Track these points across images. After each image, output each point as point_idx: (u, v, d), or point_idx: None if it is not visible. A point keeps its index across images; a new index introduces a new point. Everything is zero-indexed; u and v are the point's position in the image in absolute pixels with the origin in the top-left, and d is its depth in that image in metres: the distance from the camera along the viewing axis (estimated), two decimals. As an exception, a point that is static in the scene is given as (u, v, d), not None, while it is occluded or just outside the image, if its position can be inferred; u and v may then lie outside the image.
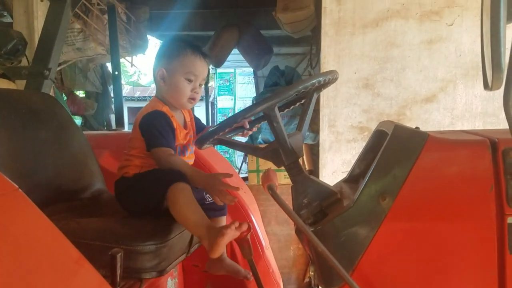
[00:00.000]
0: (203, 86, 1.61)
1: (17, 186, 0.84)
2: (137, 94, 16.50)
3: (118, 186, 1.45)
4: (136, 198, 1.40)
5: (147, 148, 1.45)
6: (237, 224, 1.28)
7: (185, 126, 1.60)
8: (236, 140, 1.35)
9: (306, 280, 3.71)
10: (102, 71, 5.66)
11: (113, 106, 6.26)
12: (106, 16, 4.13)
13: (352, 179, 1.44)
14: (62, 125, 1.53)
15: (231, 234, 1.24)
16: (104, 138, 2.07)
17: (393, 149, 1.04)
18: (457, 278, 0.97)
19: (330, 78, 1.23)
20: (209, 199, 1.53)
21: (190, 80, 1.51)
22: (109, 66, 5.71)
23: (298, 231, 1.24)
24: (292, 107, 1.49)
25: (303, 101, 1.41)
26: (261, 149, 1.24)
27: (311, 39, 5.14)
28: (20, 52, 1.82)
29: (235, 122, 1.23)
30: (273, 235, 3.64)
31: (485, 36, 0.80)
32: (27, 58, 1.93)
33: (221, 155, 2.22)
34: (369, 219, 1.02)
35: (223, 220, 1.64)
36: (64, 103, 4.48)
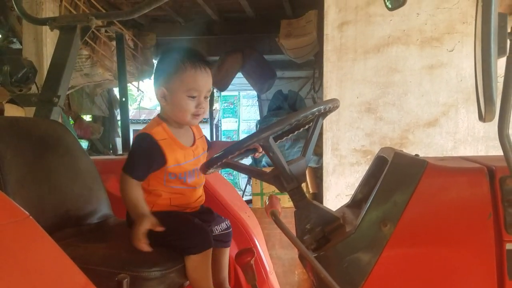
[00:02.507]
0: (208, 98, 1.50)
1: (27, 214, 0.87)
2: (142, 117, 16.68)
3: (130, 218, 1.46)
4: (150, 239, 1.40)
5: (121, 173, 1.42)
6: None
7: (193, 143, 1.54)
8: (242, 164, 1.37)
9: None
10: (108, 96, 5.77)
11: (119, 130, 6.36)
12: (113, 43, 4.24)
13: (355, 204, 1.46)
14: (70, 151, 1.56)
15: None
16: (110, 163, 2.10)
17: (393, 176, 1.06)
18: (459, 304, 0.98)
19: (331, 107, 1.27)
20: (216, 231, 1.55)
21: (193, 97, 1.43)
22: (115, 90, 5.83)
23: (302, 257, 1.26)
24: (296, 132, 1.52)
25: (307, 126, 1.45)
26: (265, 173, 1.26)
27: (314, 63, 5.23)
28: (30, 80, 1.88)
29: (231, 154, 1.23)
30: (278, 259, 3.63)
31: (478, 69, 0.84)
32: (36, 85, 1.99)
33: (225, 179, 2.24)
34: (371, 245, 1.03)
35: (227, 252, 1.65)
36: (71, 127, 4.55)
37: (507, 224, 0.95)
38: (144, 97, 18.67)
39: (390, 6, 1.74)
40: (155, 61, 5.68)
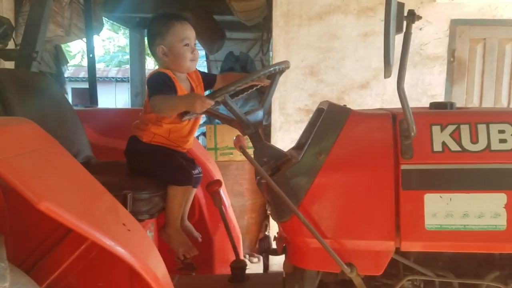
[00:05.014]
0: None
1: (57, 141, 1.15)
2: (81, 75, 16.08)
3: (130, 144, 1.77)
4: (144, 166, 1.72)
5: (149, 100, 1.67)
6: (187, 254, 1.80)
7: (191, 90, 1.84)
8: (219, 112, 1.73)
9: (257, 246, 4.15)
10: (56, 52, 5.68)
11: (66, 87, 6.30)
12: (64, -2, 4.24)
13: (299, 146, 1.84)
14: (57, 100, 1.79)
15: (179, 252, 1.80)
16: (84, 114, 2.32)
17: (327, 120, 1.45)
18: (369, 208, 1.40)
19: (284, 67, 1.63)
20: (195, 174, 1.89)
21: (187, 45, 1.76)
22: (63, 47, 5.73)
23: (259, 183, 1.63)
24: (250, 91, 1.87)
25: (256, 87, 1.81)
26: (232, 120, 1.61)
27: (262, 26, 5.49)
28: (8, 36, 2.02)
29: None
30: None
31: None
32: (14, 40, 2.14)
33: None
34: (310, 170, 1.42)
35: (193, 192, 2.02)
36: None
37: (403, 151, 1.37)
38: (84, 55, 17.91)
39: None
40: (104, 18, 5.65)
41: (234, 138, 1.50)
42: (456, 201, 1.36)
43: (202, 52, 8.75)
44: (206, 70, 8.71)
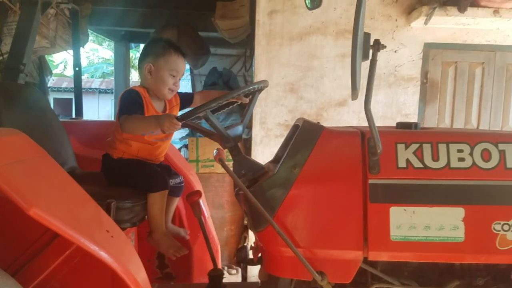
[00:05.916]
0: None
1: (46, 151, 1.22)
2: (64, 85, 15.92)
3: (104, 161, 1.82)
4: (120, 179, 1.78)
5: (119, 120, 1.74)
6: (177, 253, 1.87)
7: (163, 111, 1.90)
8: (199, 125, 1.80)
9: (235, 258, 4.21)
10: (39, 62, 5.69)
11: (49, 97, 6.30)
12: (50, 11, 4.30)
13: (276, 160, 1.94)
14: (45, 111, 1.85)
15: (170, 253, 1.87)
16: (69, 125, 2.37)
17: (301, 136, 1.55)
18: (339, 219, 1.50)
19: (263, 86, 1.73)
20: (171, 183, 1.94)
21: (173, 76, 1.84)
22: (47, 57, 5.75)
23: (237, 194, 1.72)
24: (231, 106, 1.96)
25: (235, 104, 1.90)
26: (212, 133, 1.69)
27: (245, 43, 5.63)
28: (-4, 48, 2.09)
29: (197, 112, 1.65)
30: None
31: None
32: (1, 52, 2.20)
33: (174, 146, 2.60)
34: (285, 182, 1.51)
35: (175, 201, 2.07)
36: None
37: (370, 167, 1.48)
38: (67, 65, 17.84)
39: (309, 6, 2.23)
40: (89, 31, 5.70)
41: (215, 151, 1.59)
42: (419, 214, 1.47)
43: (186, 66, 8.84)
44: (190, 84, 8.81)
